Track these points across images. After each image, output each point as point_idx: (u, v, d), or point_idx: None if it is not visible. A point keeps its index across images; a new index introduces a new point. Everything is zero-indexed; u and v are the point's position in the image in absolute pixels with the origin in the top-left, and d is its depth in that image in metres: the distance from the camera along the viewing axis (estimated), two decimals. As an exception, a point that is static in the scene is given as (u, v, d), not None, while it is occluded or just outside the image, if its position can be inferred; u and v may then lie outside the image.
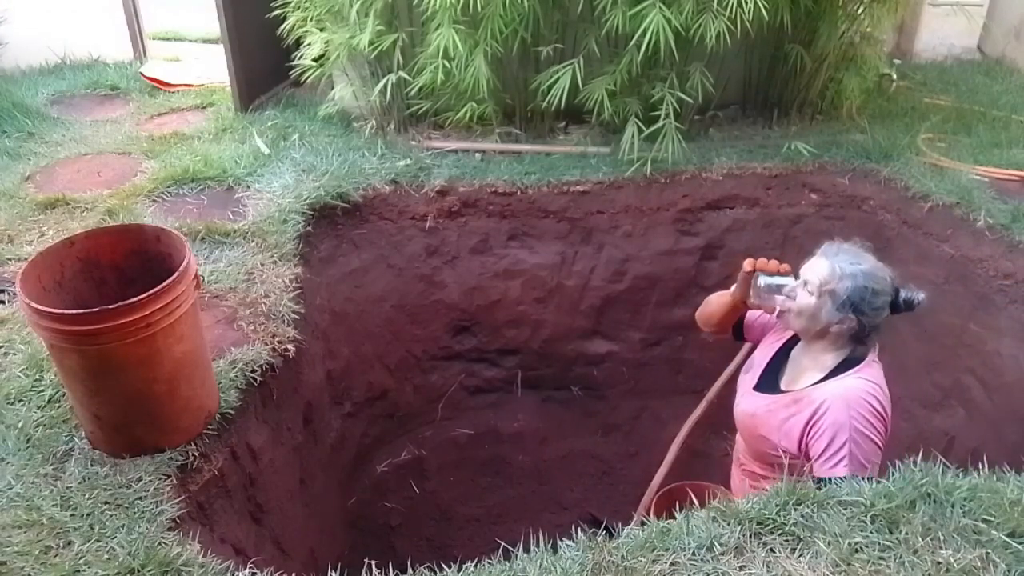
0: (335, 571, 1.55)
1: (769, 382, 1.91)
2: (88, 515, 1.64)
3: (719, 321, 2.11)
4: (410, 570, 1.53)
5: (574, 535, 1.55)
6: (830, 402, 1.70)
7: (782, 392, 1.85)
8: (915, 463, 1.70)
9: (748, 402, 1.92)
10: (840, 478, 1.64)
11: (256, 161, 3.27)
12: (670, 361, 3.67)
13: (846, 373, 1.75)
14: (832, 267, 1.73)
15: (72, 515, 1.64)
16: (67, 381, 1.77)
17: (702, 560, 1.47)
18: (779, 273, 1.84)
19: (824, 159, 3.43)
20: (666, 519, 1.58)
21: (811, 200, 3.42)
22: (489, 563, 1.52)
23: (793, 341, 1.92)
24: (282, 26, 3.45)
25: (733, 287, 1.98)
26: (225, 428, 1.96)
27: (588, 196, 3.33)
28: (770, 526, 1.55)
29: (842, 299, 1.71)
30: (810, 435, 1.72)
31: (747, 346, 3.52)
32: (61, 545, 1.57)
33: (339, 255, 3.12)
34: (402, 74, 3.33)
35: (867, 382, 1.72)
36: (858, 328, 1.73)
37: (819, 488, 1.62)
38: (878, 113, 3.86)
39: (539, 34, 3.24)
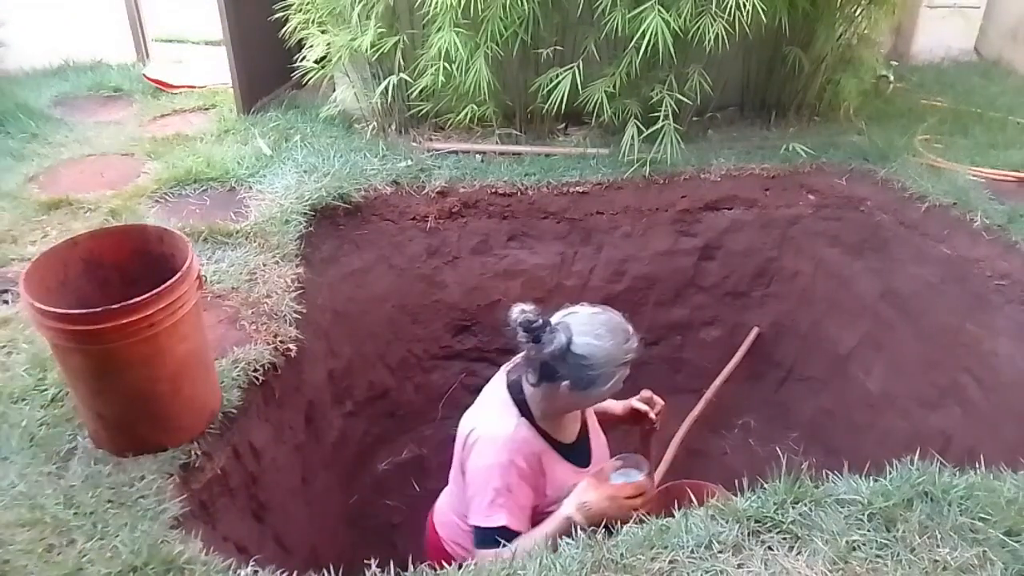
0: (337, 569, 1.56)
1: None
2: (91, 513, 1.64)
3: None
4: (411, 568, 1.54)
5: (573, 533, 1.56)
6: None
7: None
8: (912, 462, 1.71)
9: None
10: None
11: (258, 162, 3.28)
12: (669, 360, 3.68)
13: None
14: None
15: (75, 513, 1.64)
16: (70, 380, 1.78)
17: (700, 558, 1.48)
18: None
19: (822, 160, 3.44)
20: (664, 517, 1.59)
21: (809, 201, 3.44)
22: (489, 560, 1.53)
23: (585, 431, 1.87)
24: (284, 28, 3.46)
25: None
26: (227, 427, 1.97)
27: (588, 197, 3.34)
28: (768, 524, 1.56)
29: None
30: None
31: (748, 341, 3.55)
32: (64, 543, 1.58)
33: (340, 255, 3.13)
34: (403, 76, 3.34)
35: None
36: None
37: None
38: (875, 114, 3.88)
39: (539, 36, 3.26)
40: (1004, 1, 4.76)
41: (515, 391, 1.72)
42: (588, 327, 1.62)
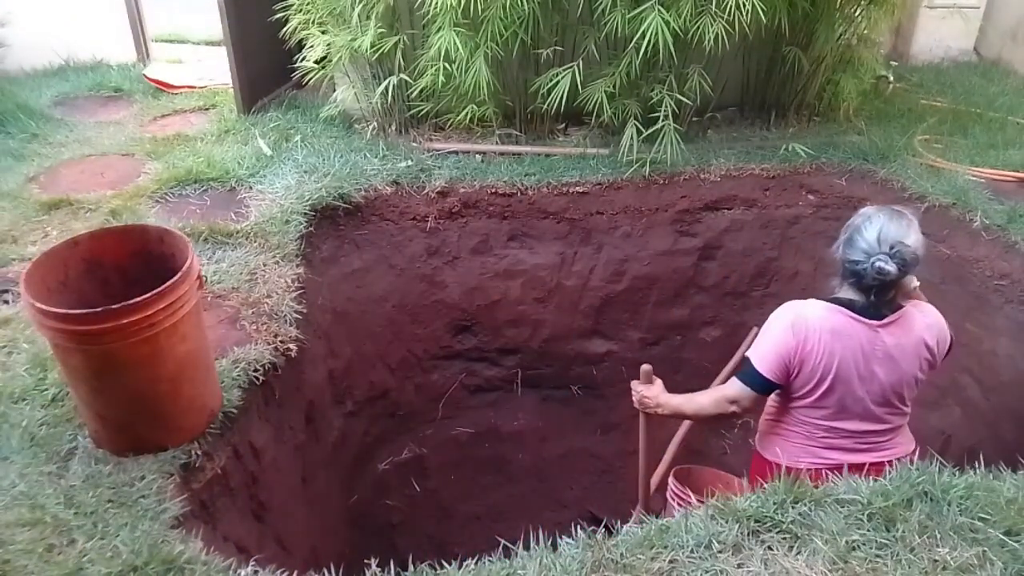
0: (337, 569, 1.56)
1: None
2: (91, 513, 1.65)
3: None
4: (411, 567, 1.54)
5: (574, 533, 1.57)
6: None
7: None
8: (912, 462, 1.71)
9: None
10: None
11: (258, 162, 3.28)
12: (669, 360, 3.68)
13: None
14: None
15: (76, 513, 1.65)
16: (71, 380, 1.79)
17: (700, 558, 1.49)
18: None
19: (821, 160, 3.45)
20: (684, 495, 1.57)
21: (808, 201, 3.44)
22: (490, 560, 1.53)
23: None
24: (284, 28, 3.47)
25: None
26: (228, 427, 1.97)
27: (587, 197, 3.35)
28: (768, 524, 1.57)
29: None
30: None
31: (748, 341, 3.54)
32: (65, 543, 1.58)
33: (341, 255, 3.14)
34: (403, 76, 3.34)
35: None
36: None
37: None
38: (875, 115, 3.88)
39: (539, 36, 3.26)
40: (1004, 1, 4.76)
41: (894, 307, 1.83)
42: (903, 227, 1.76)
